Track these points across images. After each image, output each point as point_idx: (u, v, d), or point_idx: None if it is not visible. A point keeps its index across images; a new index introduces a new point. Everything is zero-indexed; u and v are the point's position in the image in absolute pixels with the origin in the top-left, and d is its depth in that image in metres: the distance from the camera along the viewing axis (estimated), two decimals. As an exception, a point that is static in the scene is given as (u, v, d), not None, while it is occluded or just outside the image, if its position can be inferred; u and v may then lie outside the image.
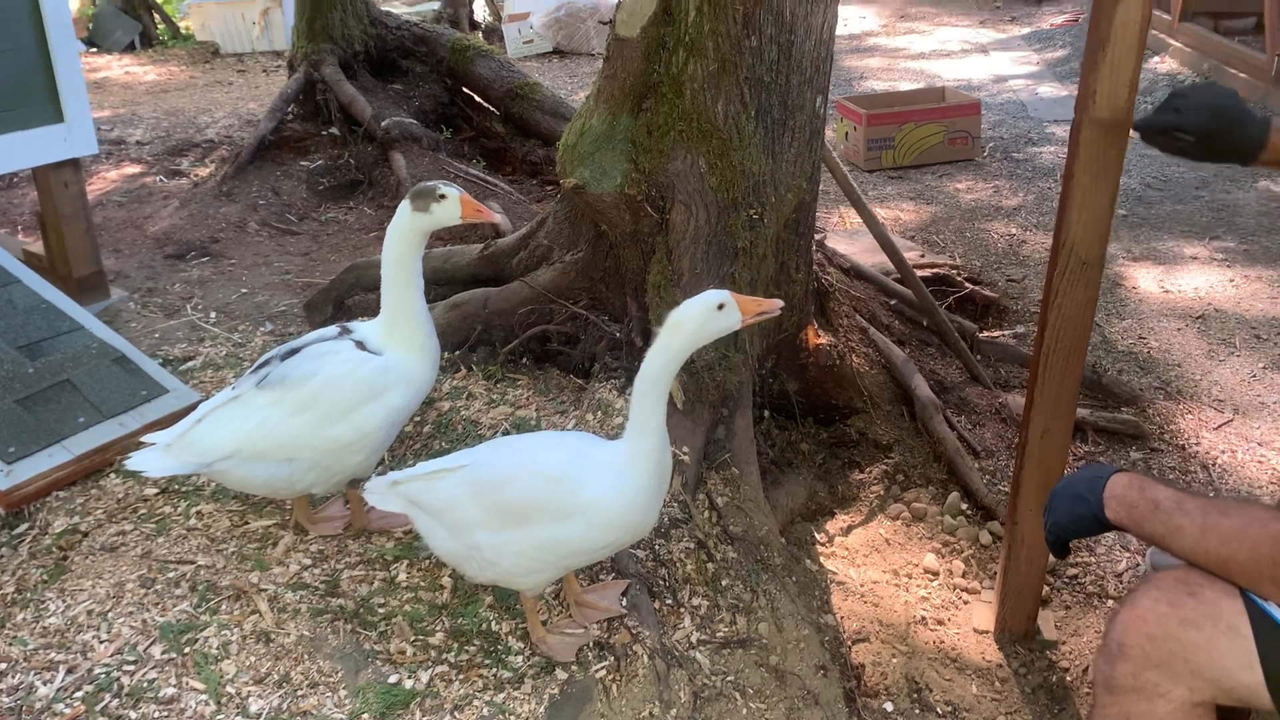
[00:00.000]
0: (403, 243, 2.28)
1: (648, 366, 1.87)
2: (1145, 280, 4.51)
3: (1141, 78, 7.54)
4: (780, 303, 1.89)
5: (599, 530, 1.91)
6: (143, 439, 2.33)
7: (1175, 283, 4.48)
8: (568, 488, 1.90)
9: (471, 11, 10.69)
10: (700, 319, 1.84)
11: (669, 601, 2.30)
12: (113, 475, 2.63)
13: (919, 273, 3.77)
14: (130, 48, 10.54)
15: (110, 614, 2.15)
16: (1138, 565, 2.83)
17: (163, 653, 2.06)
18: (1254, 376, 3.72)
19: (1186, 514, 1.59)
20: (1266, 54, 6.71)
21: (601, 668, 2.06)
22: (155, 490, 2.56)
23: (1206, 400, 3.59)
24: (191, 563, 2.30)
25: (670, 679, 2.07)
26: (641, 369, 1.88)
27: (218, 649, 2.07)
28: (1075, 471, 1.85)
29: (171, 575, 2.26)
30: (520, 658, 2.08)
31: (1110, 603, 2.71)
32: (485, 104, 5.83)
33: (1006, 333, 3.99)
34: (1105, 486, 1.71)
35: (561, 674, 2.04)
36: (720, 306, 1.83)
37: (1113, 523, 1.71)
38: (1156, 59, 8.04)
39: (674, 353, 1.86)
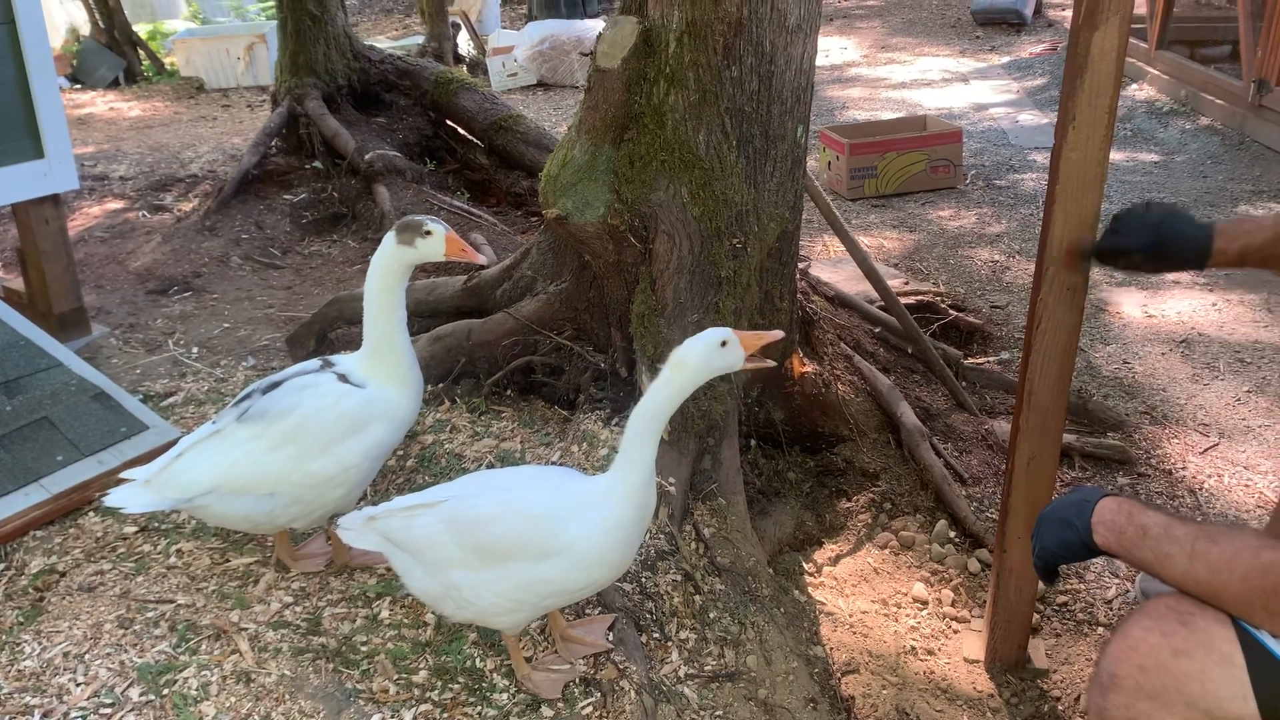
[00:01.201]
0: (386, 275, 2.27)
1: (647, 403, 1.86)
2: (1129, 305, 4.53)
3: (1121, 104, 7.58)
4: (780, 332, 1.90)
5: (581, 569, 1.88)
6: (122, 475, 2.30)
7: (1159, 308, 4.49)
8: (549, 528, 1.87)
9: (456, 45, 10.72)
10: (704, 356, 1.83)
11: (656, 635, 2.27)
12: (91, 514, 2.59)
13: (903, 300, 3.78)
14: (115, 84, 10.55)
15: (87, 655, 2.11)
16: (1128, 592, 2.82)
17: (141, 695, 2.02)
18: (1239, 400, 3.73)
19: (1175, 541, 1.57)
20: (1242, 80, 6.79)
21: (588, 704, 2.03)
22: (134, 528, 2.53)
23: (1192, 425, 3.59)
24: (171, 602, 2.27)
25: (658, 715, 2.04)
26: (640, 406, 1.87)
27: (197, 690, 2.03)
28: (1063, 495, 1.83)
29: (150, 615, 2.22)
30: (505, 695, 2.05)
31: (1101, 630, 2.69)
32: (469, 136, 5.84)
33: (992, 359, 4.00)
34: (1093, 512, 1.69)
35: (548, 711, 2.01)
36: (723, 344, 1.83)
37: (1101, 549, 1.69)
38: (1135, 86, 8.12)
39: (676, 390, 1.85)
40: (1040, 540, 1.79)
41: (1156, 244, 2.02)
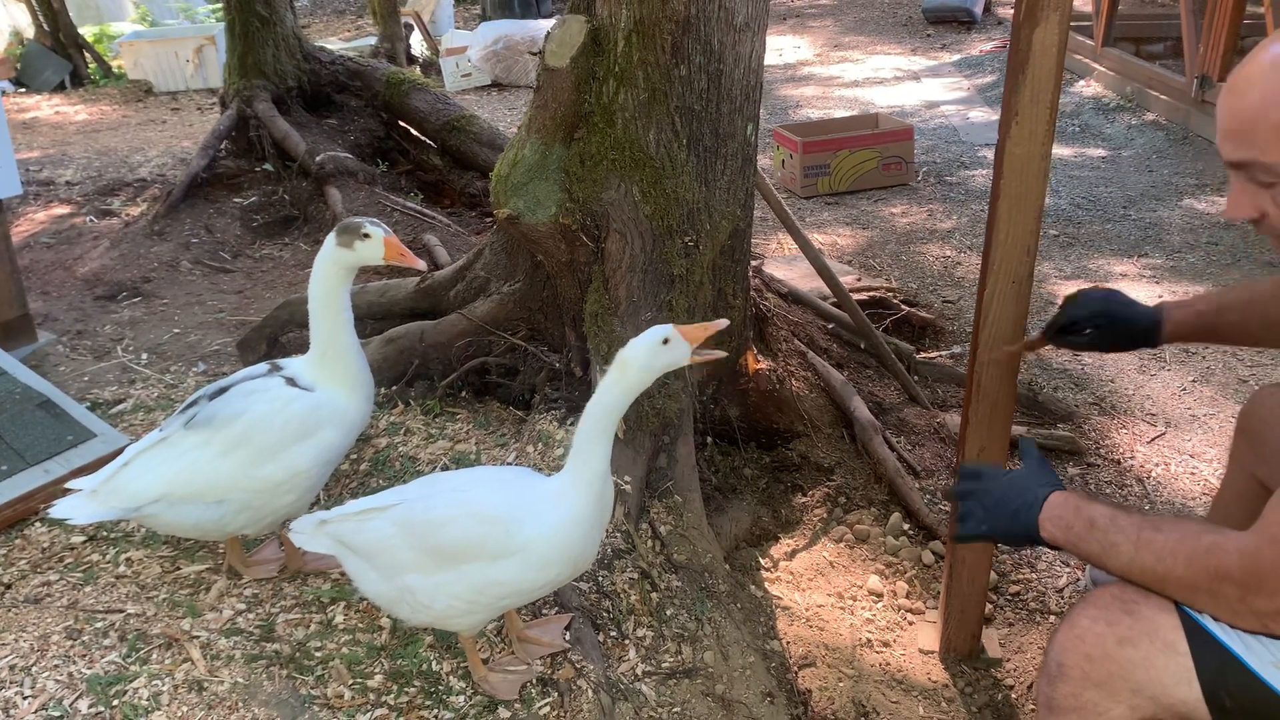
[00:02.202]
0: (328, 277, 2.25)
1: (595, 404, 1.85)
2: (1077, 298, 4.59)
3: (1068, 101, 7.69)
4: (725, 321, 1.88)
5: (538, 569, 1.88)
6: (68, 485, 2.26)
7: (1106, 300, 4.56)
8: (504, 528, 1.86)
9: (409, 46, 10.65)
10: (646, 356, 1.82)
11: (613, 634, 2.27)
12: (38, 524, 2.55)
13: (856, 296, 3.81)
14: (60, 87, 10.36)
15: (34, 668, 2.07)
16: (1078, 580, 2.86)
17: (90, 706, 1.99)
18: (1184, 390, 3.80)
19: (1121, 530, 1.59)
20: (1185, 76, 6.91)
21: (545, 704, 2.03)
22: (82, 537, 2.49)
23: (1140, 415, 3.65)
24: (120, 611, 2.23)
25: (616, 713, 2.04)
26: (588, 407, 1.86)
27: (148, 700, 2.00)
28: (1007, 476, 1.81)
29: (99, 625, 2.19)
30: (462, 698, 2.04)
31: (1052, 619, 2.73)
32: (422, 137, 5.80)
33: (944, 353, 4.04)
34: (1041, 508, 1.70)
35: (505, 712, 2.01)
36: (665, 341, 1.82)
37: (1048, 544, 1.70)
38: (1082, 82, 8.24)
39: (621, 391, 1.84)
40: (982, 524, 1.77)
41: (1105, 323, 2.10)
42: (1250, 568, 1.43)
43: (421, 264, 2.33)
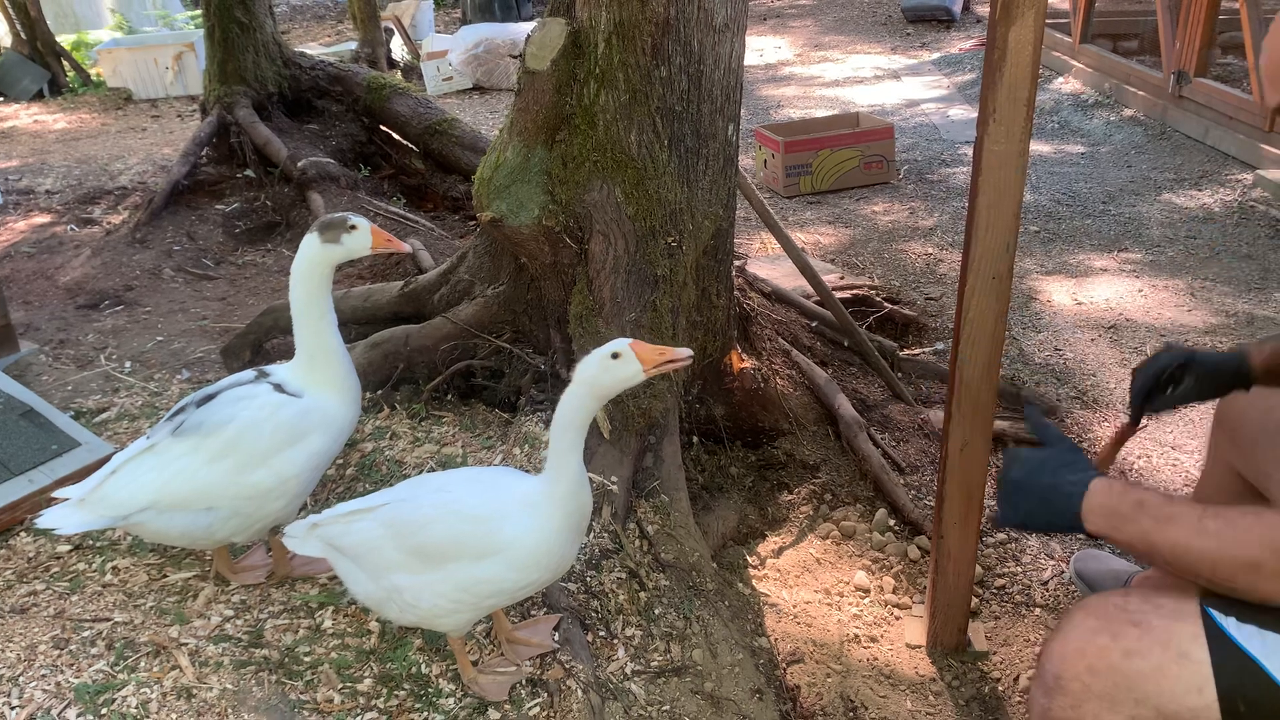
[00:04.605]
0: (312, 278, 2.24)
1: (559, 411, 1.86)
2: (1058, 293, 4.63)
3: (1047, 98, 7.73)
4: (689, 352, 1.82)
5: (518, 569, 1.89)
6: (54, 494, 2.25)
7: (1087, 295, 4.60)
8: (488, 527, 1.87)
9: (389, 50, 10.64)
10: (596, 369, 1.81)
11: (602, 633, 2.28)
12: (23, 534, 2.54)
13: (839, 294, 3.83)
14: (39, 96, 10.31)
15: (21, 678, 2.07)
16: (1063, 573, 2.88)
17: (79, 715, 1.98)
18: (1165, 383, 3.83)
19: (1177, 506, 1.55)
20: (1163, 72, 6.97)
21: (535, 705, 2.04)
22: (68, 546, 2.48)
23: (1122, 408, 3.68)
24: (108, 620, 2.23)
25: (605, 712, 2.05)
26: (555, 416, 1.87)
27: (137, 708, 2.00)
28: (1041, 457, 1.73)
29: (87, 634, 2.19)
30: (452, 700, 2.04)
31: (1038, 611, 2.75)
32: (404, 141, 5.80)
33: (927, 350, 4.06)
34: (1084, 497, 1.63)
35: (494, 713, 2.01)
36: (615, 355, 1.79)
37: (1091, 535, 1.64)
38: (1061, 79, 8.29)
39: (579, 404, 1.83)
40: (1017, 513, 1.70)
41: (1194, 362, 1.96)
42: None
43: (407, 247, 2.34)
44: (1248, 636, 1.51)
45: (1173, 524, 1.53)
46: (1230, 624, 1.52)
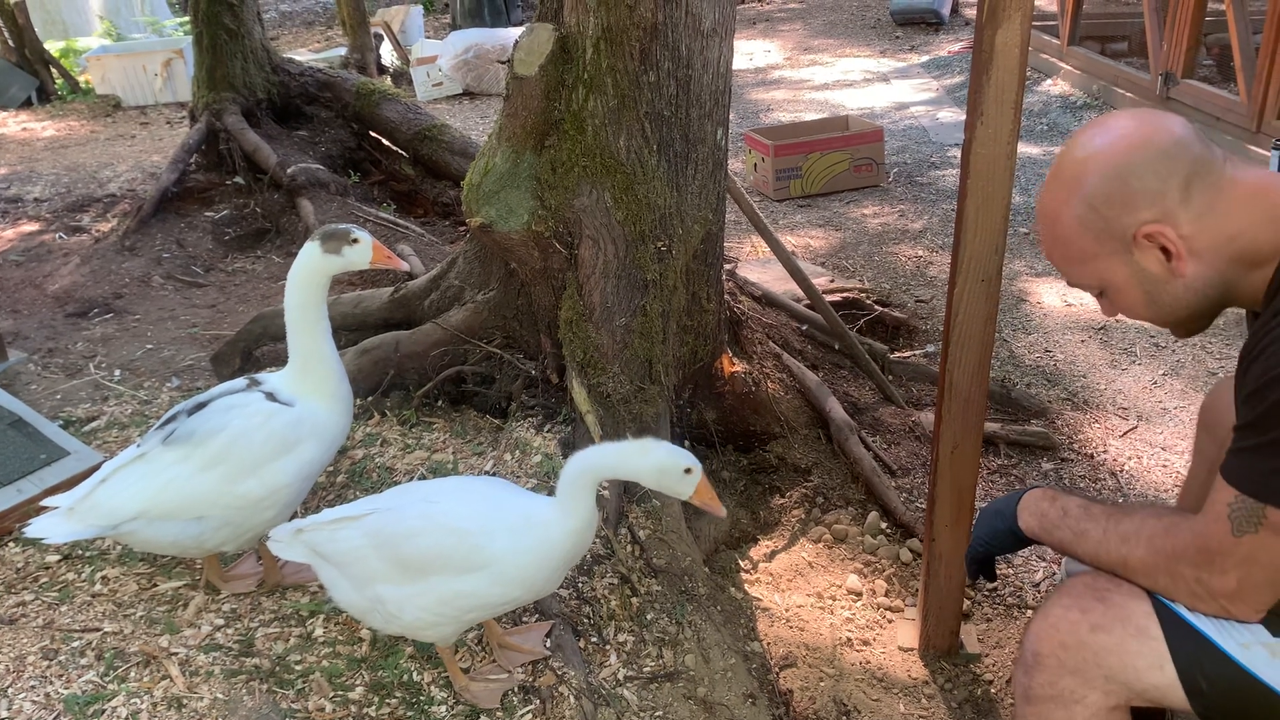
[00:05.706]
0: (308, 286, 2.24)
1: (595, 460, 1.85)
2: (1048, 295, 4.64)
3: (1036, 100, 7.73)
4: (724, 513, 1.90)
5: (502, 585, 1.88)
6: (43, 504, 2.24)
7: (1077, 296, 4.61)
8: (474, 541, 1.86)
9: (379, 56, 10.62)
10: (658, 467, 1.82)
11: (594, 639, 2.28)
12: (11, 544, 2.53)
13: (829, 298, 3.83)
14: (27, 103, 10.27)
15: (10, 689, 2.06)
16: (1054, 574, 2.89)
17: (68, 726, 1.97)
18: (1155, 384, 3.84)
19: (1092, 518, 1.64)
20: (1150, 74, 6.99)
21: (527, 712, 2.03)
22: (57, 556, 2.47)
23: (1112, 409, 3.69)
24: (97, 630, 2.22)
25: (598, 718, 2.05)
26: (588, 456, 1.85)
27: (127, 718, 1.99)
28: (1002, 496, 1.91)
29: (76, 644, 2.18)
30: (443, 708, 2.04)
31: (1030, 613, 2.76)
32: (394, 147, 5.80)
33: (917, 352, 4.07)
34: (1020, 500, 1.78)
35: (486, 720, 2.01)
36: (687, 470, 1.81)
37: (1025, 533, 1.76)
38: (1049, 81, 8.31)
39: (625, 472, 1.85)
40: (974, 531, 1.86)
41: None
42: (1201, 545, 1.48)
43: (405, 265, 2.35)
44: (1197, 614, 1.52)
45: (1085, 538, 1.65)
46: (1179, 604, 1.55)
